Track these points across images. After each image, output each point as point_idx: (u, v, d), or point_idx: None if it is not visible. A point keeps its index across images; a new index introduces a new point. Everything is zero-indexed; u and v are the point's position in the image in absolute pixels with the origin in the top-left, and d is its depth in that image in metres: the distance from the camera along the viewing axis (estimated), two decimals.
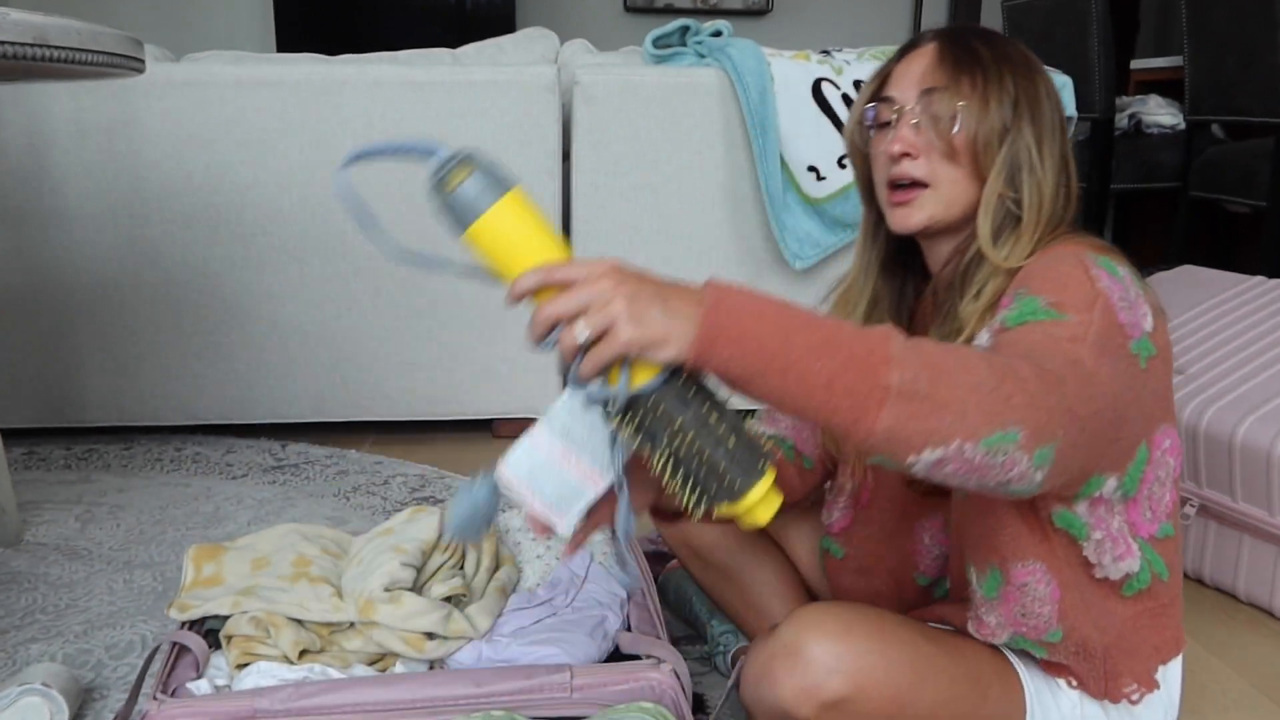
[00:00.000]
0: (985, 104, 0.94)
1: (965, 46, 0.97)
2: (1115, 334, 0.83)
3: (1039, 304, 0.83)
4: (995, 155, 0.94)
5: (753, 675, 0.91)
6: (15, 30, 1.06)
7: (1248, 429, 1.40)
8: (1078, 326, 0.80)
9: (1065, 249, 0.90)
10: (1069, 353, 0.78)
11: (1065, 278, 0.85)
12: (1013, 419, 0.71)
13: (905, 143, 0.95)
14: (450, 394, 2.16)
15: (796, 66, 2.08)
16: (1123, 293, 0.86)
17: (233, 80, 1.96)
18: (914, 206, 0.97)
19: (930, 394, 0.69)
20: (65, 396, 2.10)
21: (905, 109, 0.96)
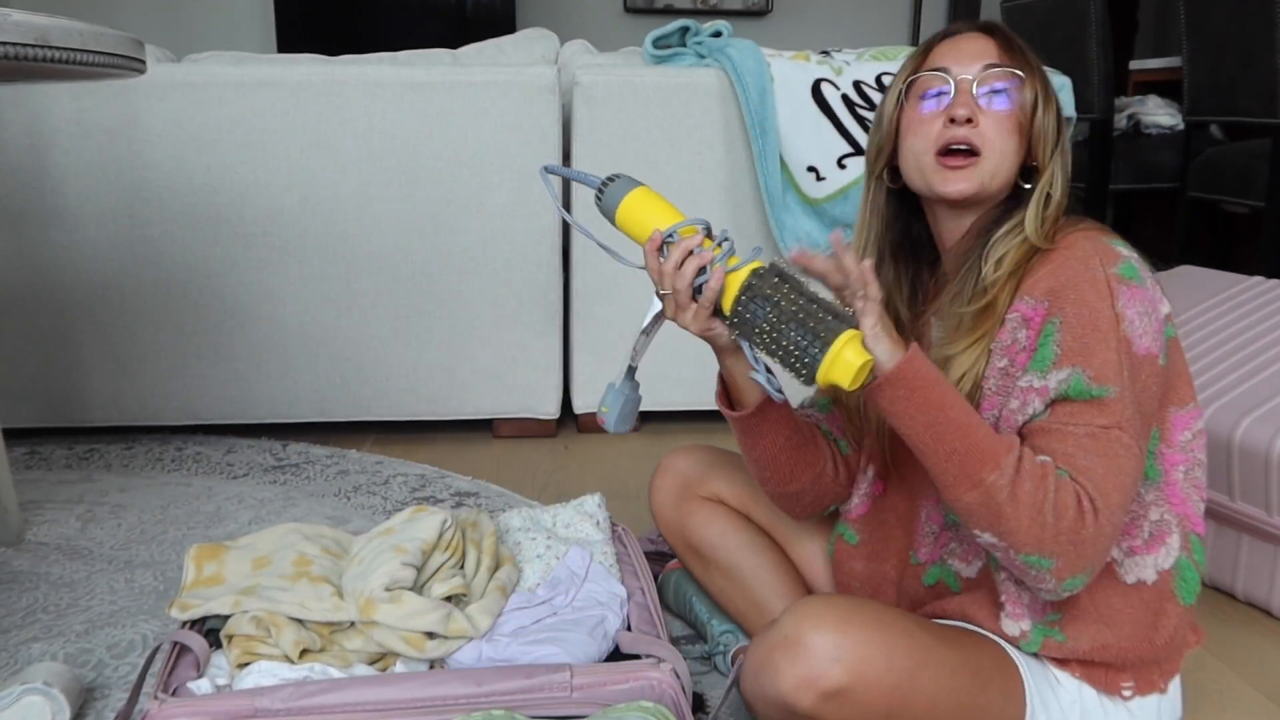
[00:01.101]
0: (1038, 87, 1.00)
1: (1010, 35, 1.02)
2: (1140, 371, 0.91)
3: (1083, 381, 0.89)
4: (1049, 136, 1.00)
5: (753, 666, 0.91)
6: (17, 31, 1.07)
7: (1246, 429, 1.40)
8: (1118, 406, 0.89)
9: (1086, 246, 0.94)
10: (1114, 447, 0.88)
11: (1095, 318, 0.90)
12: (1054, 553, 0.87)
13: (970, 108, 0.98)
14: (450, 394, 2.16)
15: (796, 67, 2.08)
16: (1144, 303, 0.92)
17: (233, 81, 1.96)
18: (966, 173, 0.99)
19: (1001, 505, 0.87)
20: (66, 396, 2.10)
21: (968, 79, 1.00)
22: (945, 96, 1.01)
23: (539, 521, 1.39)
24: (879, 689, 0.86)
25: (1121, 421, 0.89)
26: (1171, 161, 3.11)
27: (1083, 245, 0.94)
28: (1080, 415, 0.89)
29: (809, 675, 0.85)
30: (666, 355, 2.19)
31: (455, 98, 2.00)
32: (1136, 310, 0.91)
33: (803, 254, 0.94)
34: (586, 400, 2.21)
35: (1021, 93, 0.99)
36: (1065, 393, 0.90)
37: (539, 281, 2.11)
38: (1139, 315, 0.91)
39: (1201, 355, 1.57)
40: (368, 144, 2.00)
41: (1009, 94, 0.99)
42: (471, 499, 1.83)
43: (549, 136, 2.03)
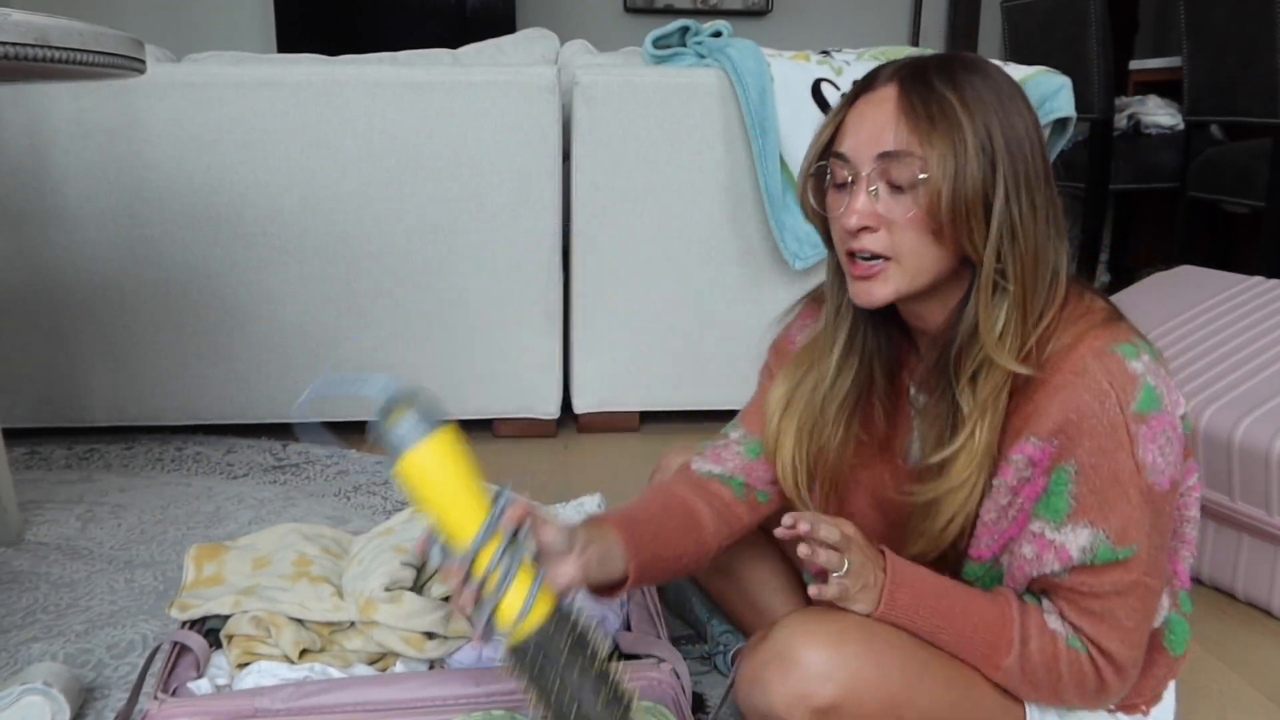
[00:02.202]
0: (957, 166, 0.81)
1: (929, 91, 0.83)
2: (1160, 508, 0.86)
3: (1107, 546, 0.84)
4: (977, 224, 0.83)
5: (745, 681, 0.91)
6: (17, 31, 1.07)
7: (1246, 429, 1.40)
8: (1141, 559, 0.85)
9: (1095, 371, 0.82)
10: (1137, 591, 0.86)
11: (1117, 471, 0.83)
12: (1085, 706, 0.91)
13: (862, 216, 0.85)
14: (450, 394, 2.16)
15: (796, 67, 2.08)
16: (1163, 435, 0.83)
17: (233, 81, 1.96)
18: (876, 282, 0.87)
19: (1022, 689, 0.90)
20: (66, 396, 2.10)
21: (860, 175, 0.85)
22: (846, 190, 0.87)
23: None
24: (871, 706, 0.86)
25: (1146, 571, 0.86)
26: (1171, 161, 3.11)
27: (1093, 371, 0.82)
28: (1105, 575, 0.85)
29: (801, 692, 0.85)
30: (666, 355, 2.19)
31: (455, 98, 2.00)
32: (1158, 447, 0.83)
33: (787, 531, 0.86)
34: (586, 400, 2.21)
35: (928, 182, 0.82)
36: (1092, 560, 0.85)
37: (539, 281, 2.11)
38: (1160, 452, 0.83)
39: (1201, 355, 1.57)
40: (368, 144, 2.00)
41: (911, 188, 0.83)
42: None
43: (549, 136, 2.03)
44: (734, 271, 2.15)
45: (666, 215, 2.11)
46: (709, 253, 2.14)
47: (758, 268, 2.15)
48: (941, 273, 0.87)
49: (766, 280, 2.16)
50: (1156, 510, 0.85)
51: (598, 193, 2.08)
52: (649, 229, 2.11)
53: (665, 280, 2.15)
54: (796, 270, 2.11)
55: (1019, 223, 0.83)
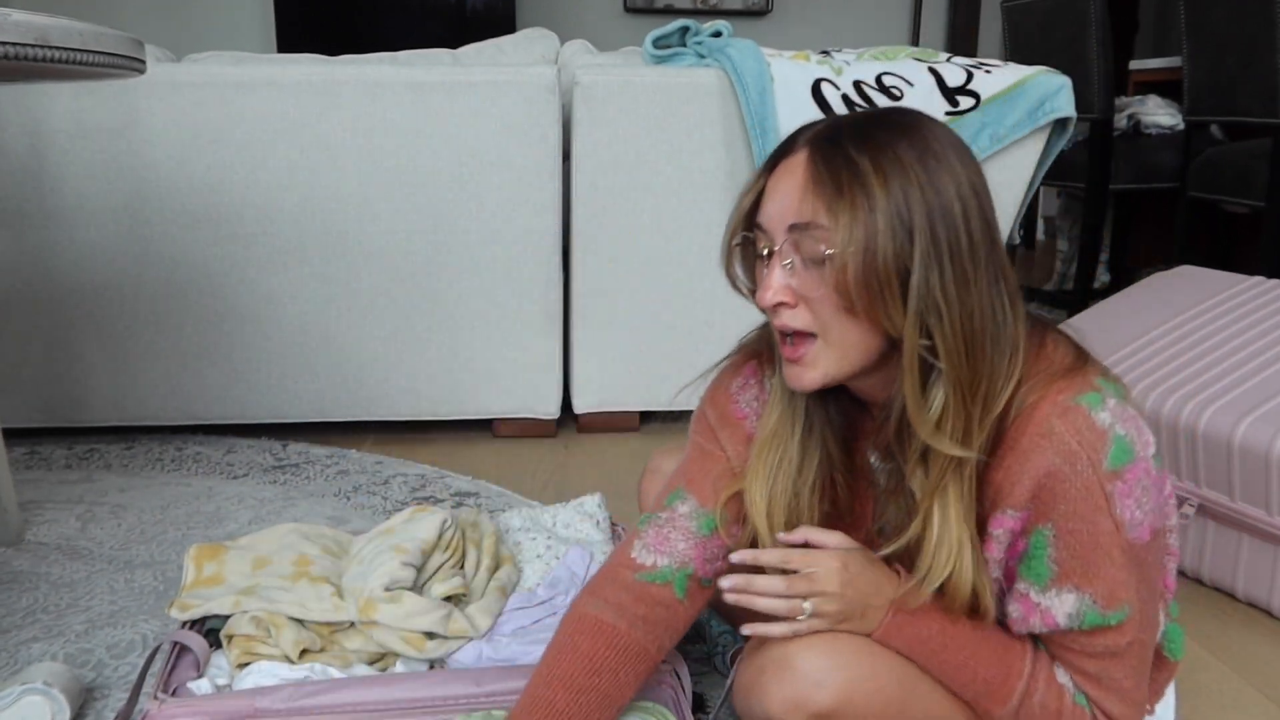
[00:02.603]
0: (866, 238, 0.76)
1: (841, 158, 0.77)
2: (1145, 558, 0.84)
3: (1093, 611, 0.83)
4: (892, 300, 0.77)
5: (743, 687, 0.91)
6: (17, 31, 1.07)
7: (1247, 429, 1.40)
8: (1133, 622, 0.84)
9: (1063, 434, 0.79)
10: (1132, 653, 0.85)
11: (1096, 534, 0.80)
12: None
13: (775, 291, 0.80)
14: (450, 394, 2.16)
15: (796, 67, 2.08)
16: (1139, 485, 0.80)
17: (233, 81, 1.96)
18: (805, 365, 0.82)
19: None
20: (66, 396, 2.10)
21: (774, 249, 0.80)
22: (765, 263, 0.82)
23: (539, 521, 1.39)
24: (867, 712, 0.85)
25: (1140, 628, 0.84)
26: (1171, 161, 3.11)
27: (1059, 432, 0.78)
28: (1097, 639, 0.84)
29: (797, 698, 0.85)
30: (666, 355, 2.19)
31: (455, 98, 2.00)
32: (1135, 500, 0.80)
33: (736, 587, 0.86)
34: (586, 400, 2.21)
35: (835, 256, 0.77)
36: (1080, 626, 0.83)
37: (539, 281, 2.11)
38: (1139, 504, 0.80)
39: (1202, 355, 1.57)
40: (368, 144, 2.00)
41: (821, 263, 0.78)
42: (471, 499, 1.83)
43: (549, 136, 2.03)
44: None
45: (666, 215, 2.11)
46: (709, 253, 2.14)
47: None
48: (873, 350, 0.81)
49: None
50: (1141, 563, 0.83)
51: (598, 193, 2.08)
52: (649, 229, 2.11)
53: (665, 280, 2.15)
54: None
55: (942, 297, 0.76)
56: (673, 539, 0.96)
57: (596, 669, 0.91)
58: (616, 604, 0.94)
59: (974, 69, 2.10)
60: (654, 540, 0.96)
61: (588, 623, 0.93)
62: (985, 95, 2.07)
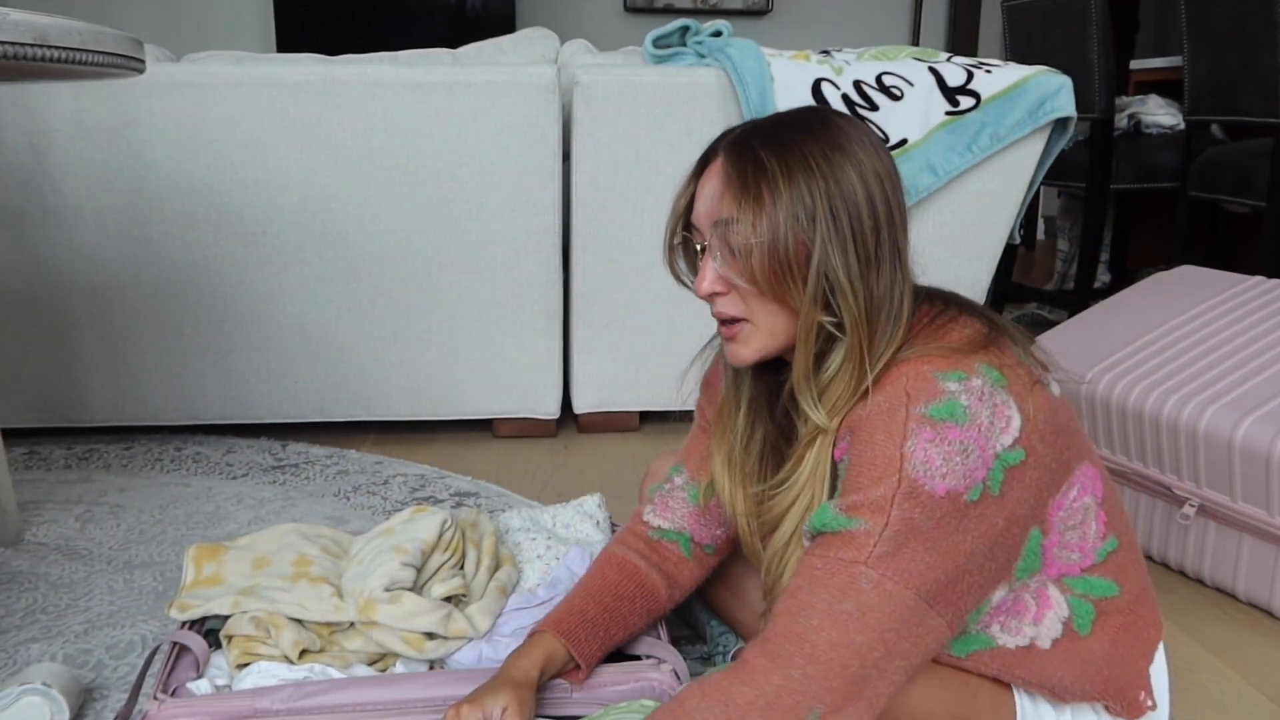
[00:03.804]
0: (770, 227, 0.84)
1: (750, 158, 0.87)
2: (932, 512, 0.80)
3: (832, 513, 0.82)
4: (794, 282, 0.85)
5: None
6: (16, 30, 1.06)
7: (1247, 429, 1.40)
8: (865, 539, 0.80)
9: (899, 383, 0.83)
10: (845, 584, 0.80)
11: (875, 457, 0.81)
12: (805, 711, 0.79)
13: (710, 281, 0.90)
14: (450, 394, 2.16)
15: (796, 66, 2.08)
16: (952, 444, 0.80)
17: (233, 80, 1.96)
18: (739, 343, 0.91)
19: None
20: (65, 396, 2.10)
21: (705, 244, 0.90)
22: (699, 258, 0.92)
23: (539, 522, 1.39)
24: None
25: (868, 558, 0.79)
26: (1172, 161, 3.10)
27: (897, 384, 0.83)
28: (823, 547, 0.82)
29: None
30: (666, 355, 2.19)
31: (455, 98, 2.00)
32: (940, 451, 0.80)
33: None
34: (586, 400, 2.21)
35: (748, 246, 0.85)
36: (814, 525, 0.84)
37: (539, 281, 2.11)
38: (943, 457, 0.80)
39: (1202, 355, 1.57)
40: (368, 144, 2.00)
41: (745, 249, 0.86)
42: (471, 499, 1.83)
43: (549, 136, 2.03)
44: None
45: (666, 215, 2.11)
46: None
47: None
48: (795, 330, 0.89)
49: None
50: (928, 511, 0.80)
51: (597, 192, 2.08)
52: (649, 229, 2.11)
53: (665, 280, 2.14)
54: None
55: (845, 277, 0.84)
56: (673, 506, 1.12)
57: (620, 595, 1.07)
58: (637, 550, 1.11)
59: (974, 69, 2.10)
60: (660, 506, 1.12)
61: (615, 560, 1.10)
62: (986, 95, 2.07)
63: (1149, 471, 1.56)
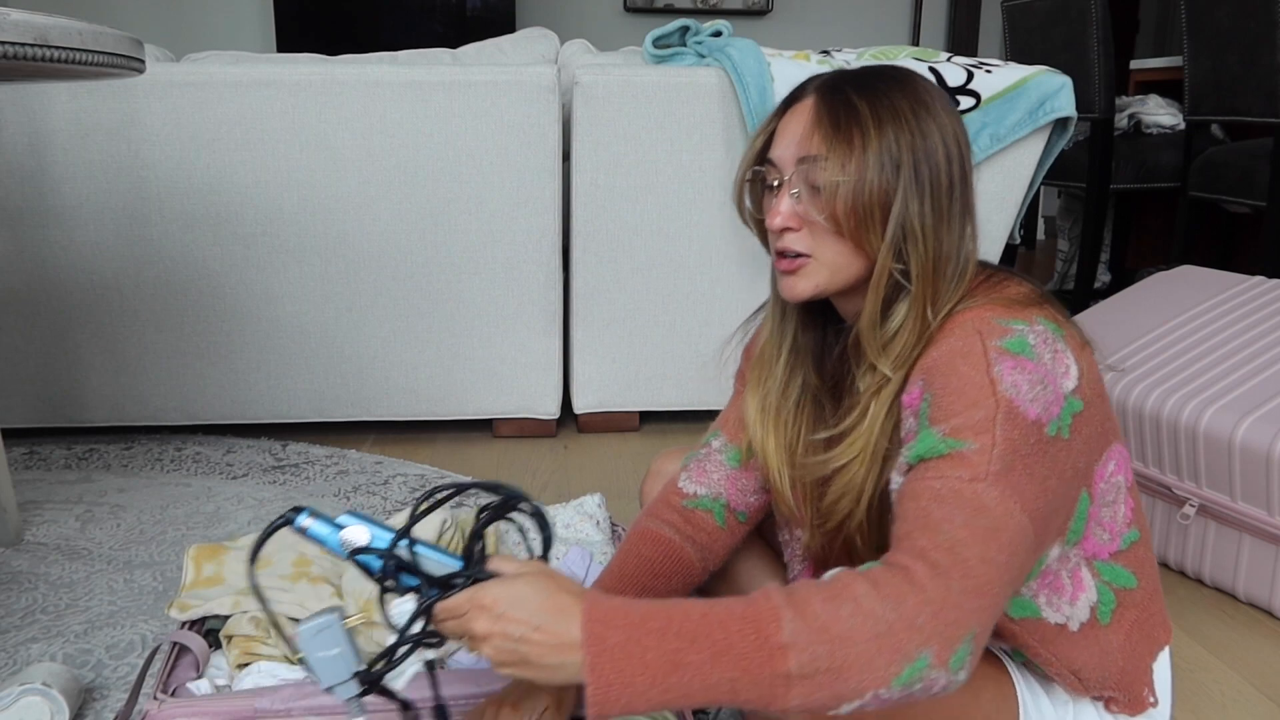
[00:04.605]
0: (862, 171, 0.87)
1: (843, 102, 0.89)
2: (1027, 436, 0.80)
3: (935, 437, 0.80)
4: (874, 226, 0.88)
5: None
6: (16, 30, 1.06)
7: (1247, 429, 1.40)
8: (979, 458, 0.78)
9: (968, 325, 0.85)
10: (972, 501, 0.77)
11: (965, 385, 0.81)
12: (920, 643, 0.71)
13: (785, 216, 0.91)
14: (450, 394, 2.16)
15: (796, 66, 2.08)
16: (1034, 375, 0.81)
17: (233, 80, 1.96)
18: (799, 276, 0.93)
19: (831, 665, 0.70)
20: (65, 396, 2.10)
21: (784, 179, 0.92)
22: (774, 193, 0.93)
23: None
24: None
25: (985, 475, 0.77)
26: (1172, 161, 3.11)
27: (965, 326, 0.85)
28: (935, 469, 0.79)
29: None
30: (666, 355, 2.19)
31: (455, 98, 2.00)
32: (1024, 377, 0.81)
33: None
34: (586, 400, 2.21)
35: (833, 185, 0.87)
36: (917, 453, 0.81)
37: (539, 281, 2.11)
38: (1027, 382, 0.81)
39: (1202, 355, 1.57)
40: (368, 144, 2.00)
41: (822, 191, 0.88)
42: (472, 499, 1.83)
43: (549, 136, 2.03)
44: (734, 271, 2.15)
45: (666, 215, 2.11)
46: (709, 253, 2.14)
47: (758, 268, 2.15)
48: (859, 271, 0.91)
49: (766, 280, 2.16)
50: (1024, 435, 0.79)
51: (597, 192, 2.08)
52: (649, 229, 2.11)
53: (665, 280, 2.15)
54: None
55: (918, 227, 0.87)
56: (709, 470, 1.11)
57: (655, 572, 1.07)
58: (670, 522, 1.10)
59: (974, 68, 2.10)
60: (695, 472, 1.11)
61: (649, 535, 1.09)
62: (986, 95, 2.07)
63: (1149, 471, 1.56)
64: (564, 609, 0.74)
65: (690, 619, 0.73)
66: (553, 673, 0.74)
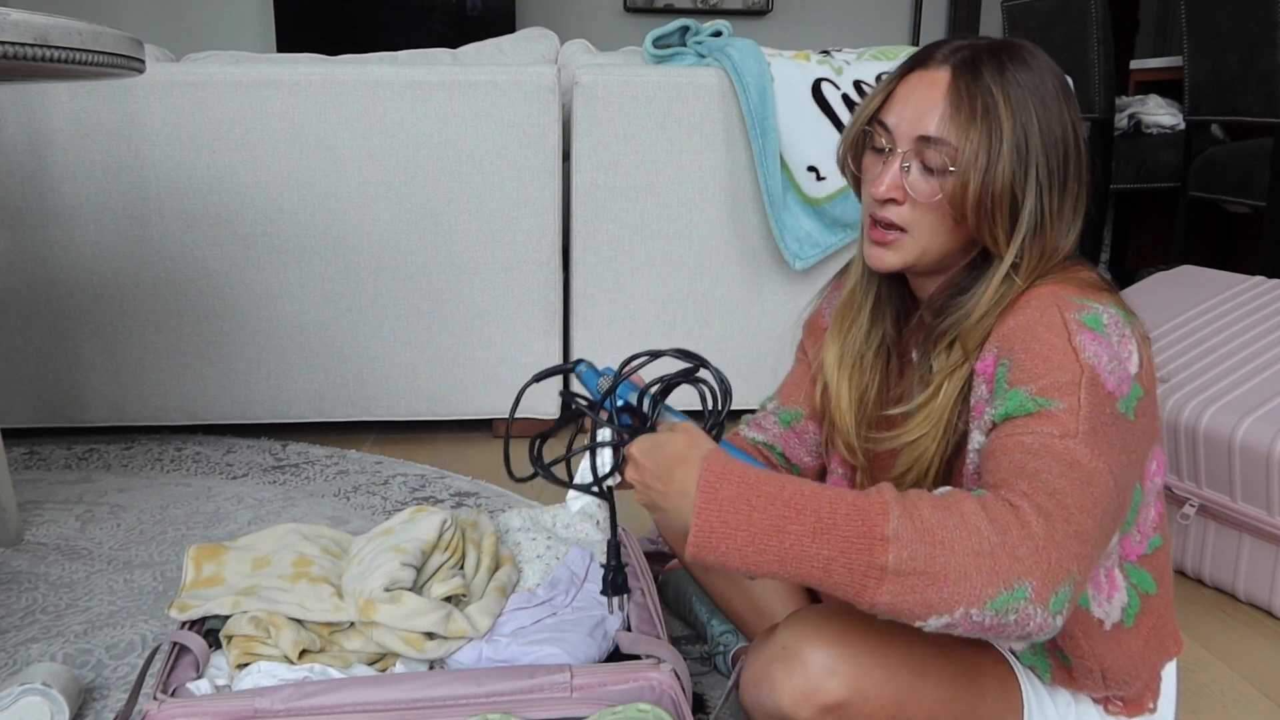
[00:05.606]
0: (989, 163, 0.85)
1: (978, 84, 0.86)
2: (1105, 406, 0.81)
3: (1024, 395, 0.81)
4: (1001, 218, 0.87)
5: (751, 679, 0.91)
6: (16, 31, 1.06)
7: (1247, 429, 1.40)
8: (1068, 417, 0.79)
9: (1045, 298, 0.86)
10: (1064, 455, 0.78)
11: (1048, 351, 0.82)
12: (1021, 574, 0.72)
13: (890, 188, 0.90)
14: (450, 394, 2.16)
15: (796, 66, 2.08)
16: (1108, 351, 0.83)
17: (233, 80, 1.96)
18: (889, 249, 0.92)
19: (927, 568, 0.72)
20: (65, 396, 2.10)
21: (898, 150, 0.89)
22: (882, 157, 0.91)
23: (539, 521, 1.39)
24: (877, 702, 0.86)
25: (1075, 432, 0.78)
26: (1172, 161, 3.11)
27: (1043, 299, 0.86)
28: (1026, 425, 0.80)
29: (807, 689, 0.85)
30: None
31: (455, 98, 2.00)
32: (1102, 348, 0.82)
33: None
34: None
35: (958, 173, 0.86)
36: (1006, 411, 0.82)
37: (539, 281, 2.11)
38: (1106, 353, 0.82)
39: (1202, 355, 1.57)
40: (368, 144, 2.00)
41: (941, 174, 0.87)
42: (471, 499, 1.83)
43: (549, 136, 2.03)
44: (734, 271, 2.15)
45: (666, 215, 2.11)
46: (709, 253, 2.14)
47: (758, 268, 2.15)
48: (950, 253, 0.92)
49: (766, 280, 2.16)
50: (1103, 405, 0.80)
51: (598, 192, 2.08)
52: (649, 229, 2.11)
53: (665, 280, 2.15)
54: (796, 270, 2.11)
55: (1046, 221, 0.88)
56: (766, 426, 1.17)
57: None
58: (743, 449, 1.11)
59: None
60: (754, 424, 1.18)
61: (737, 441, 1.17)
62: None
63: None
64: (689, 462, 0.82)
65: (802, 493, 0.76)
66: (676, 516, 0.82)
